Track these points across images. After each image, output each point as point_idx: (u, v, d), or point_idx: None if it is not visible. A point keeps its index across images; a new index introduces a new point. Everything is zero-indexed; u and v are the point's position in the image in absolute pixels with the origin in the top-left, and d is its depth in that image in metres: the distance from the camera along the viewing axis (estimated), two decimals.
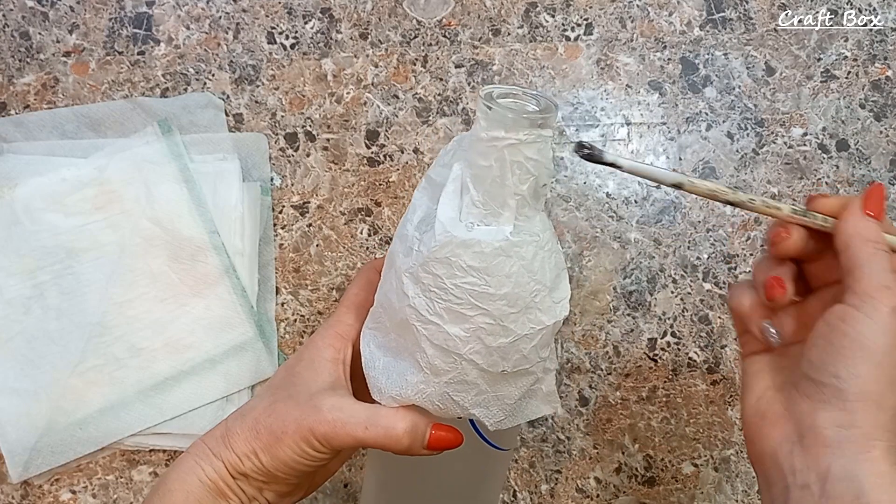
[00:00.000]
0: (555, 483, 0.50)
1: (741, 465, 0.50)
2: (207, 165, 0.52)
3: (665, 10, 0.54)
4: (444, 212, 0.32)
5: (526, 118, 0.30)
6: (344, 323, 0.39)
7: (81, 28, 0.54)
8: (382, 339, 0.35)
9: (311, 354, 0.38)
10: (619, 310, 0.51)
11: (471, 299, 0.31)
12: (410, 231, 0.33)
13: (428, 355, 0.33)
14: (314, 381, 0.37)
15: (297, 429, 0.34)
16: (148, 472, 0.50)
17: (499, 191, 0.31)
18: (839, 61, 0.53)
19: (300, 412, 0.35)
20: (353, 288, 0.40)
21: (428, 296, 0.32)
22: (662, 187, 0.52)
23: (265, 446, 0.35)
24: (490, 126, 0.30)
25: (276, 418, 0.35)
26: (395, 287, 0.33)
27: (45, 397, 0.49)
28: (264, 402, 0.37)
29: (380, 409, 0.35)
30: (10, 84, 0.54)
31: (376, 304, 0.36)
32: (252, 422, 0.36)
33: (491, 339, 0.32)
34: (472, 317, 0.32)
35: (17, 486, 0.50)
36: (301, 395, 0.36)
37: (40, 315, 0.50)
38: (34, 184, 0.51)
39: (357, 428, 0.34)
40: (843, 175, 0.52)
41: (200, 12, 0.55)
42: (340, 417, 0.34)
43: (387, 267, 0.35)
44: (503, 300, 0.31)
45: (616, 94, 0.53)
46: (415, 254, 0.32)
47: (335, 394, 0.36)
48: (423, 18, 0.54)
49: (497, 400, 0.34)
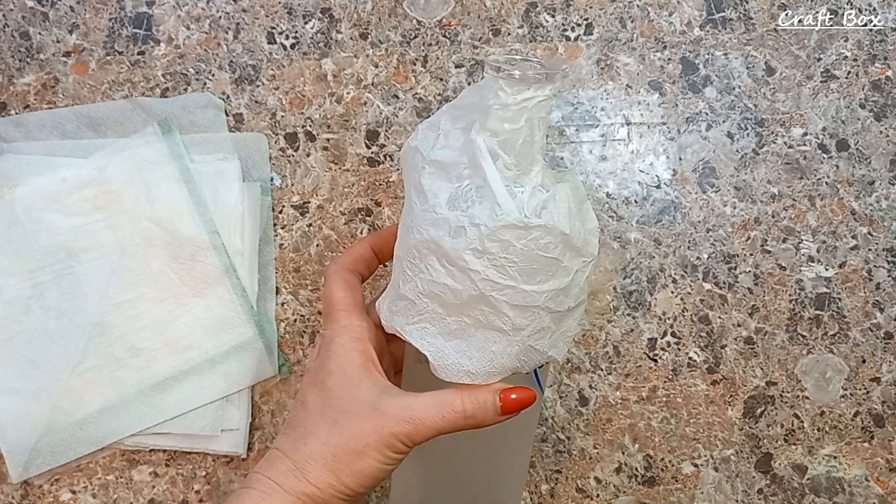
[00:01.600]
0: (555, 483, 0.50)
1: (741, 465, 0.50)
2: (207, 165, 0.52)
3: (665, 10, 0.54)
4: (496, 182, 0.33)
5: (546, 75, 0.33)
6: (354, 326, 0.38)
7: (81, 28, 0.54)
8: (439, 327, 0.36)
9: (339, 366, 0.37)
10: (619, 310, 0.51)
11: (539, 253, 0.34)
12: (447, 213, 0.34)
13: (510, 317, 0.34)
14: (361, 391, 0.37)
15: (378, 438, 0.35)
16: (148, 472, 0.50)
17: (528, 149, 0.34)
18: (839, 61, 0.53)
19: (372, 423, 0.35)
20: (337, 292, 0.39)
21: (499, 263, 0.33)
22: (662, 187, 0.52)
23: (346, 467, 0.35)
24: (517, 90, 0.33)
25: (351, 437, 0.35)
26: (449, 271, 0.34)
27: (45, 397, 0.49)
28: (320, 427, 0.36)
29: (446, 395, 0.36)
30: (10, 84, 0.54)
31: (415, 297, 0.36)
32: (322, 448, 0.35)
33: (557, 283, 0.35)
34: (541, 268, 0.34)
35: (17, 486, 0.50)
36: (358, 408, 0.36)
37: (40, 315, 0.50)
38: (34, 184, 0.51)
39: (435, 419, 0.35)
40: (843, 175, 0.52)
41: (200, 12, 0.55)
42: (416, 414, 0.35)
43: (417, 259, 0.35)
44: (562, 245, 0.34)
45: (616, 94, 0.53)
46: (471, 230, 0.33)
47: (393, 395, 0.36)
48: (423, 18, 0.54)
49: (562, 336, 0.37)
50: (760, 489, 0.50)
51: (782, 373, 0.51)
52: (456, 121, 0.36)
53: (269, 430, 0.51)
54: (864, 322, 0.51)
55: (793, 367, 0.51)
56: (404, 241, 0.36)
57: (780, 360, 0.51)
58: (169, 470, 0.50)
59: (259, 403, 0.51)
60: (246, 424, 0.50)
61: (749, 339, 0.51)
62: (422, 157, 0.36)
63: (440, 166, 0.35)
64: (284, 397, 0.51)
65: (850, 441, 0.50)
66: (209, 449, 0.50)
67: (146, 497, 0.50)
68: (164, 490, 0.50)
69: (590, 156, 0.53)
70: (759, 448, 0.50)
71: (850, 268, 0.51)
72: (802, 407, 0.50)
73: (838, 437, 0.50)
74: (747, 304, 0.51)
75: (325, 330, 0.39)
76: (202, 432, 0.50)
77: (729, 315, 0.51)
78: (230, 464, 0.51)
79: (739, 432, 0.50)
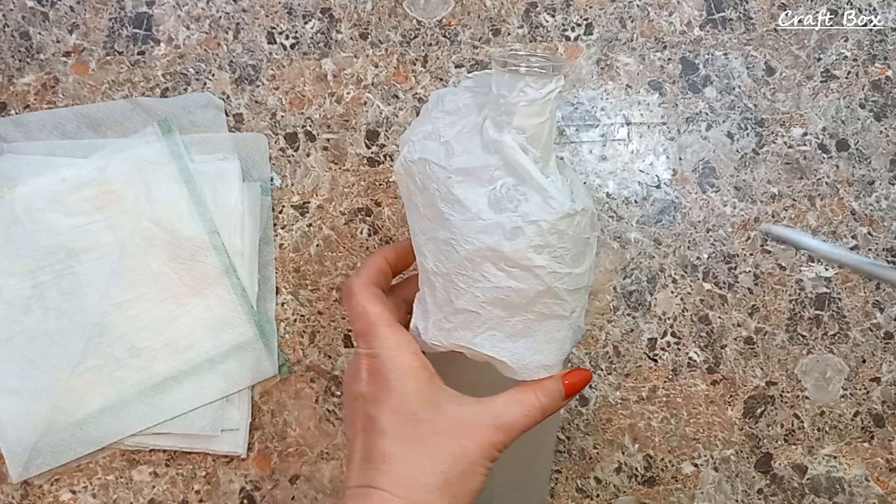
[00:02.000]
0: (555, 483, 0.50)
1: (741, 465, 0.50)
2: (207, 165, 0.52)
3: (665, 10, 0.54)
4: (540, 177, 0.34)
5: (553, 67, 0.34)
6: (406, 341, 0.37)
7: (81, 28, 0.54)
8: (505, 331, 0.36)
9: (413, 388, 0.36)
10: (619, 310, 0.51)
11: (582, 235, 0.36)
12: (496, 217, 0.34)
13: (569, 302, 0.36)
14: (444, 409, 0.36)
15: (481, 453, 0.35)
16: (148, 472, 0.50)
17: (549, 139, 0.35)
18: (839, 61, 0.53)
19: (471, 440, 0.35)
20: (373, 307, 0.38)
21: (557, 254, 0.35)
22: (662, 187, 0.52)
23: (460, 490, 0.35)
24: (541, 84, 0.33)
25: (457, 459, 0.35)
26: (510, 273, 0.34)
27: (45, 397, 0.49)
28: (419, 456, 0.35)
29: (522, 393, 0.37)
30: (10, 84, 0.54)
31: (477, 308, 0.35)
32: (433, 478, 0.34)
33: (591, 259, 0.37)
34: (584, 250, 0.36)
35: (17, 486, 0.50)
36: (450, 427, 0.35)
37: (40, 315, 0.50)
38: (34, 184, 0.51)
39: (521, 419, 0.36)
40: (843, 175, 0.52)
41: (200, 12, 0.55)
42: (505, 420, 0.35)
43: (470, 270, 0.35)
44: (590, 223, 0.36)
45: (616, 94, 0.53)
46: (529, 228, 0.34)
47: (469, 404, 0.36)
48: (423, 18, 0.54)
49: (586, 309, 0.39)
50: (760, 489, 0.50)
51: (782, 373, 0.51)
52: (454, 125, 0.36)
53: (268, 430, 0.51)
54: (864, 322, 0.51)
55: (793, 367, 0.51)
56: (447, 255, 0.35)
57: (780, 360, 0.51)
58: (169, 470, 0.50)
59: (259, 403, 0.51)
60: (246, 424, 0.50)
61: (749, 339, 0.51)
62: (441, 168, 0.35)
63: (468, 173, 0.35)
64: (284, 397, 0.51)
65: (850, 441, 0.50)
66: (209, 449, 0.50)
67: (146, 497, 0.50)
68: (164, 490, 0.50)
69: (590, 156, 0.53)
70: (759, 448, 0.50)
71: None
72: (802, 407, 0.50)
73: (838, 437, 0.50)
74: (747, 304, 0.51)
75: (372, 349, 0.37)
76: (202, 432, 0.50)
77: (729, 315, 0.51)
78: (230, 464, 0.51)
79: (739, 432, 0.50)
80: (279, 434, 0.51)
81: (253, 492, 0.50)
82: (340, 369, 0.51)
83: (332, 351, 0.52)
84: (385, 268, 0.41)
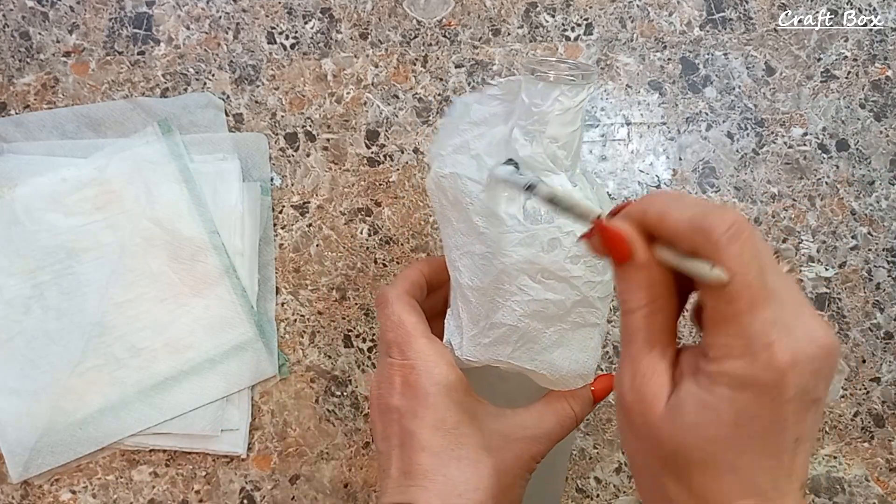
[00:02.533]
0: None
1: None
2: (207, 165, 0.52)
3: (665, 10, 0.54)
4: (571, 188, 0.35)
5: (582, 75, 0.33)
6: (443, 353, 0.37)
7: (81, 28, 0.54)
8: (541, 343, 0.36)
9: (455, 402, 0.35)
10: (619, 310, 0.51)
11: None
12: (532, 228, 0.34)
13: (601, 309, 0.36)
14: (485, 423, 0.36)
15: (522, 466, 0.35)
16: (148, 472, 0.50)
17: (577, 145, 0.35)
18: (839, 61, 0.53)
19: (512, 454, 0.35)
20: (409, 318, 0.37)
21: (591, 263, 0.35)
22: (662, 187, 0.52)
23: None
24: (575, 93, 0.33)
25: (501, 474, 0.35)
26: (546, 285, 0.35)
27: (45, 397, 0.49)
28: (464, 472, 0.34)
29: (556, 403, 0.37)
30: (10, 84, 0.54)
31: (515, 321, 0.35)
32: (480, 494, 0.34)
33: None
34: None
35: (17, 486, 0.50)
36: (492, 441, 0.35)
37: (40, 315, 0.50)
38: (34, 184, 0.51)
39: (556, 429, 0.36)
40: (843, 175, 0.52)
41: (200, 12, 0.55)
42: (543, 431, 0.36)
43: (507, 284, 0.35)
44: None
45: (616, 94, 0.53)
46: (566, 239, 0.34)
47: (506, 416, 0.36)
48: (423, 18, 0.54)
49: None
50: None
51: None
52: (483, 137, 0.36)
53: (268, 430, 0.51)
54: (864, 322, 0.51)
55: None
56: (483, 269, 0.35)
57: None
58: (169, 470, 0.50)
59: (259, 403, 0.51)
60: (246, 424, 0.50)
61: None
62: (474, 182, 0.35)
63: (498, 180, 0.35)
64: (284, 397, 0.51)
65: (850, 441, 0.50)
66: (209, 449, 0.50)
67: (146, 497, 0.50)
68: (164, 490, 0.50)
69: (590, 156, 0.53)
70: None
71: (850, 268, 0.51)
72: None
73: (838, 437, 0.50)
74: None
75: (408, 360, 0.36)
76: (202, 432, 0.50)
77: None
78: (230, 464, 0.51)
79: None
80: (279, 434, 0.51)
81: (253, 492, 0.50)
82: (340, 369, 0.51)
83: (332, 351, 0.52)
84: (421, 281, 0.40)
